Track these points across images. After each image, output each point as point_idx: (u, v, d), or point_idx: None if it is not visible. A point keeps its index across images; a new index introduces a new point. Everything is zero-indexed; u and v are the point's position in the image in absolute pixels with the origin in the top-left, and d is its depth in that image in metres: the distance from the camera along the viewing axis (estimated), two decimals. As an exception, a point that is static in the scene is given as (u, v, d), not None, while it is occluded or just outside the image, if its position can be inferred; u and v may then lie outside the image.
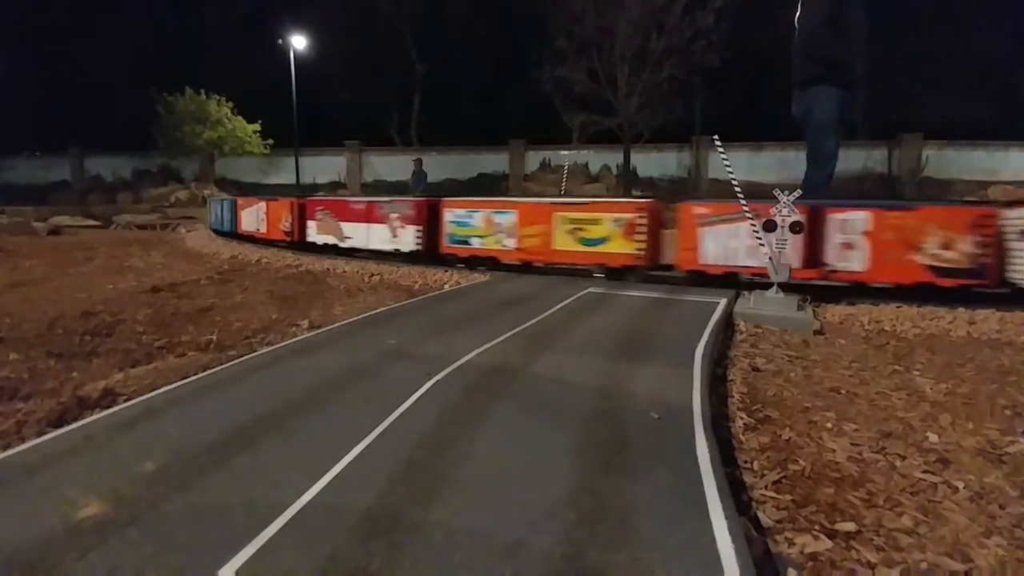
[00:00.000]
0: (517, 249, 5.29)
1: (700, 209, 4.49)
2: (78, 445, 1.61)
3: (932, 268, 3.83)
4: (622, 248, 4.75)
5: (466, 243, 5.62)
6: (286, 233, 7.39)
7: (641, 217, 4.70)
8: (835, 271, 4.05)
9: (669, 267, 4.87)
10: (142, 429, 1.72)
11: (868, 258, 3.98)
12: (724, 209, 4.36)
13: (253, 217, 8.33)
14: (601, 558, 1.12)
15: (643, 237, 4.68)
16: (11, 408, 2.04)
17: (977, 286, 3.80)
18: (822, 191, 5.92)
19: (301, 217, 7.21)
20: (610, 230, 4.80)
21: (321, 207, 7.01)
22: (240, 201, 8.92)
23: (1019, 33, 17.19)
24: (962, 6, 17.67)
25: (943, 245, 3.80)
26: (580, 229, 4.95)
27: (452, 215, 5.72)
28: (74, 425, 1.78)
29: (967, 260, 3.75)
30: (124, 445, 1.61)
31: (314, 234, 7.02)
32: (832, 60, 5.53)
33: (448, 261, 5.67)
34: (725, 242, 4.35)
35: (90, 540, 1.17)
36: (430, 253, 5.82)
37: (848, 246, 4.02)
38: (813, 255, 4.10)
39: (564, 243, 5.03)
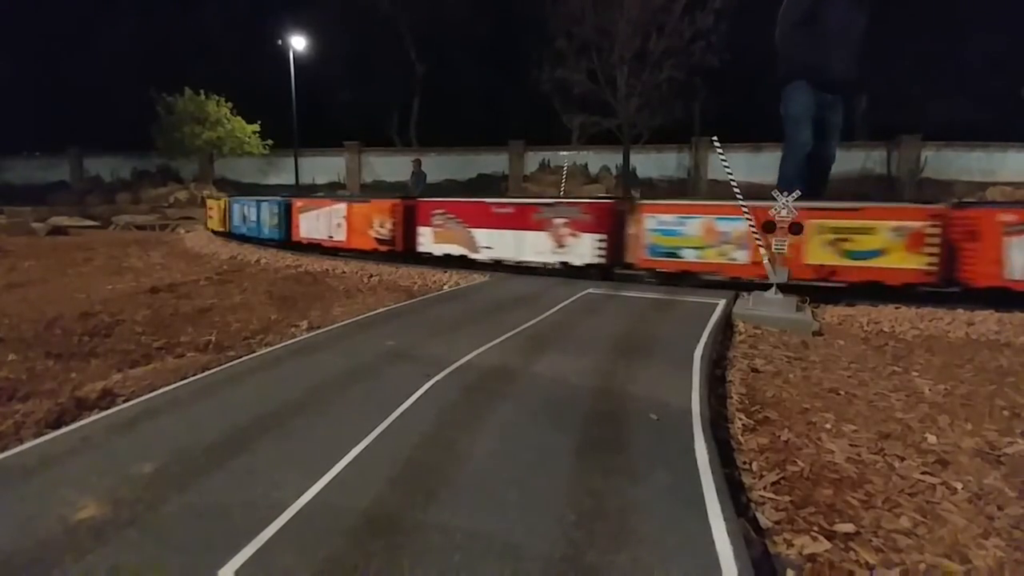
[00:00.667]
0: (754, 263, 4.21)
1: (1007, 216, 3.73)
2: (76, 446, 1.61)
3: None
4: (904, 263, 3.93)
5: (674, 256, 4.67)
6: (382, 241, 6.08)
7: (933, 226, 3.90)
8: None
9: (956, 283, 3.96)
10: (141, 430, 1.72)
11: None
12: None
13: (321, 222, 6.89)
14: (600, 559, 1.12)
15: (935, 250, 3.88)
16: (9, 409, 2.04)
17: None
18: (794, 186, 5.90)
19: (409, 222, 5.94)
20: (888, 241, 3.99)
21: (441, 210, 5.77)
22: (298, 202, 7.45)
23: (1018, 35, 17.22)
24: (961, 8, 17.69)
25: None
26: (845, 240, 4.10)
27: (655, 222, 4.75)
28: (72, 426, 1.78)
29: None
30: (122, 446, 1.61)
31: (429, 243, 5.80)
32: (805, 61, 5.51)
33: (637, 278, 4.83)
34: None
35: (88, 542, 1.17)
36: (615, 266, 5.02)
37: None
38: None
39: (821, 256, 4.14)
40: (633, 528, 1.23)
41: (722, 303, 3.61)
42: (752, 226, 3.82)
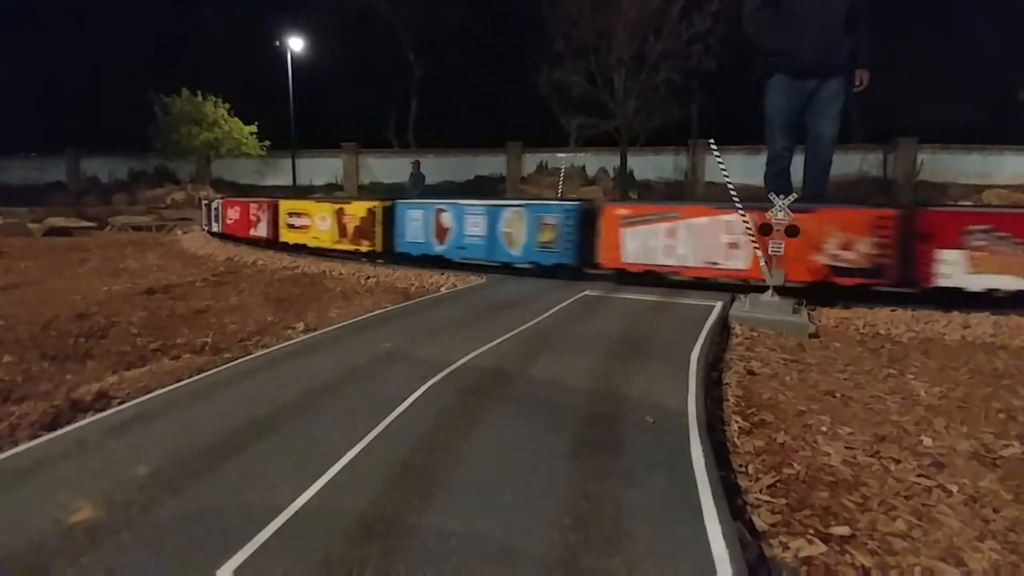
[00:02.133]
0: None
1: (622, 211, 4.29)
2: (71, 448, 1.60)
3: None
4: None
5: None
6: (847, 272, 3.88)
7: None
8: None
9: None
10: (136, 432, 1.72)
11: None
12: None
13: (683, 240, 4.28)
14: (595, 563, 1.12)
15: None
16: (4, 411, 2.03)
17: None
18: (772, 186, 5.76)
19: (912, 240, 3.78)
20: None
21: (982, 224, 3.63)
22: (615, 209, 4.67)
23: (1014, 37, 17.30)
24: (957, 10, 17.77)
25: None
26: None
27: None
28: (67, 428, 1.77)
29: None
30: (117, 448, 1.61)
31: (962, 273, 3.67)
32: (773, 46, 5.42)
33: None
34: None
35: (82, 545, 1.16)
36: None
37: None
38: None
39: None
40: (629, 531, 1.23)
41: (719, 305, 3.62)
42: (748, 228, 3.83)
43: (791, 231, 3.65)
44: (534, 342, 2.78)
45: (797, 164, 5.68)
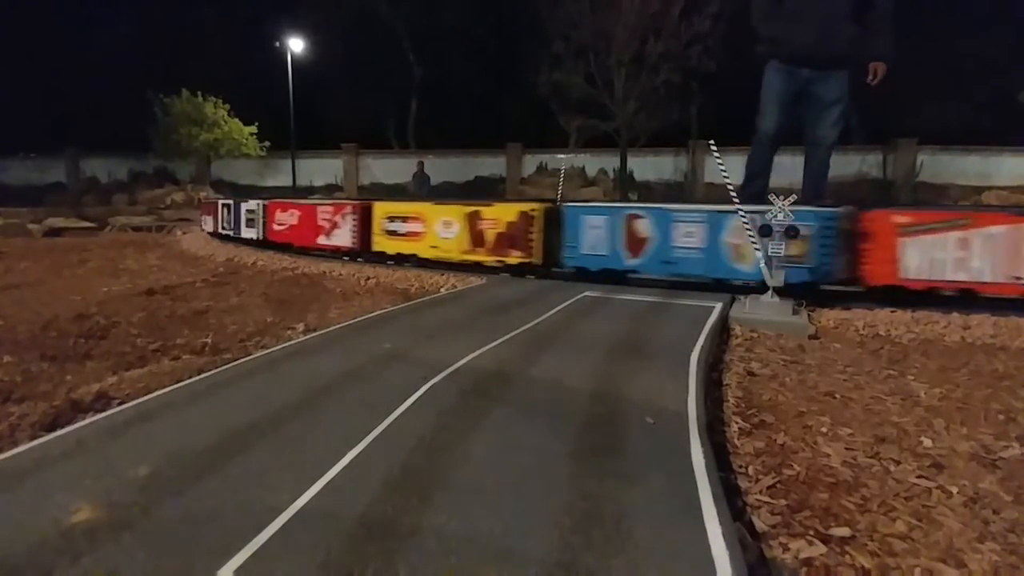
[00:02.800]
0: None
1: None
2: (71, 449, 1.60)
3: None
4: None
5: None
6: None
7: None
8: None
9: None
10: (136, 433, 1.72)
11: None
12: None
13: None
14: (596, 564, 1.12)
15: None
16: (4, 411, 2.03)
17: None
18: (748, 185, 5.55)
19: None
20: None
21: None
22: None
23: (1014, 39, 17.32)
24: (957, 11, 17.79)
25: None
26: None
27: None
28: (67, 429, 1.77)
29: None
30: (117, 449, 1.61)
31: None
32: (770, 34, 5.37)
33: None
34: None
35: (82, 545, 1.16)
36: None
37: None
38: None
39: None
40: (629, 532, 1.23)
41: (719, 306, 3.62)
42: (748, 230, 3.83)
43: (791, 232, 3.65)
44: (534, 343, 2.78)
45: (786, 165, 5.68)
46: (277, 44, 20.06)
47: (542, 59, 18.16)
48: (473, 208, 5.39)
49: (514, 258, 5.11)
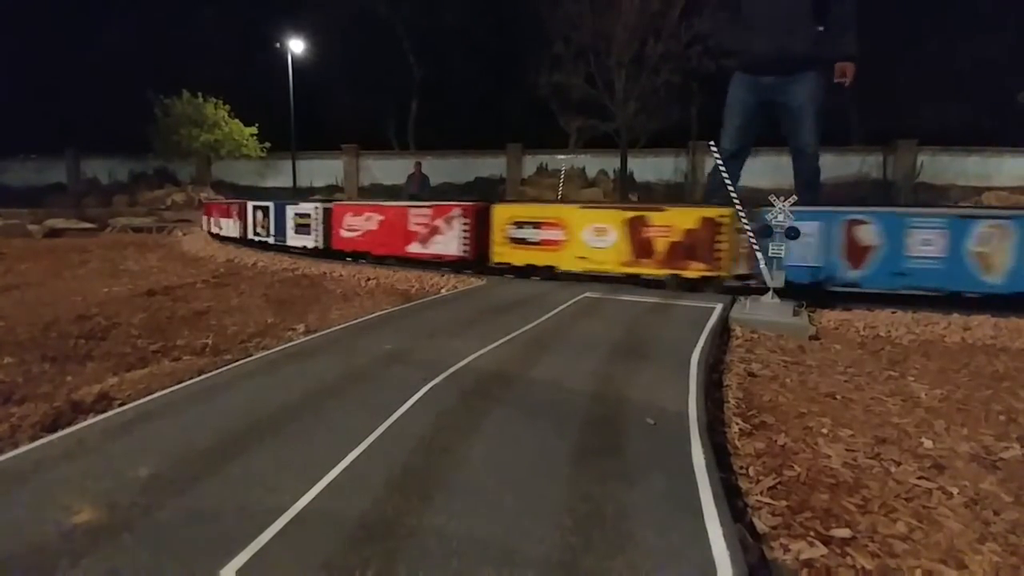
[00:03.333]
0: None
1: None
2: (72, 450, 1.60)
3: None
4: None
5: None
6: None
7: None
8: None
9: None
10: (136, 434, 1.72)
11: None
12: None
13: None
14: (596, 565, 1.12)
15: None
16: (5, 412, 2.03)
17: None
18: (713, 194, 5.43)
19: None
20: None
21: None
22: None
23: (1014, 39, 17.33)
24: (957, 12, 17.80)
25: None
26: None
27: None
28: (68, 430, 1.77)
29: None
30: (118, 450, 1.61)
31: None
32: (730, 44, 5.36)
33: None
34: None
35: (84, 546, 1.16)
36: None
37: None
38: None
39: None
40: (630, 533, 1.23)
41: (719, 307, 3.62)
42: (748, 231, 3.83)
43: (792, 233, 3.65)
44: (535, 344, 2.78)
45: (785, 166, 5.63)
46: (278, 45, 20.09)
47: (542, 60, 18.17)
48: (636, 213, 4.70)
49: (694, 271, 4.47)
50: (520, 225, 5.20)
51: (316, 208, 6.83)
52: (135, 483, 1.42)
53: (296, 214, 7.10)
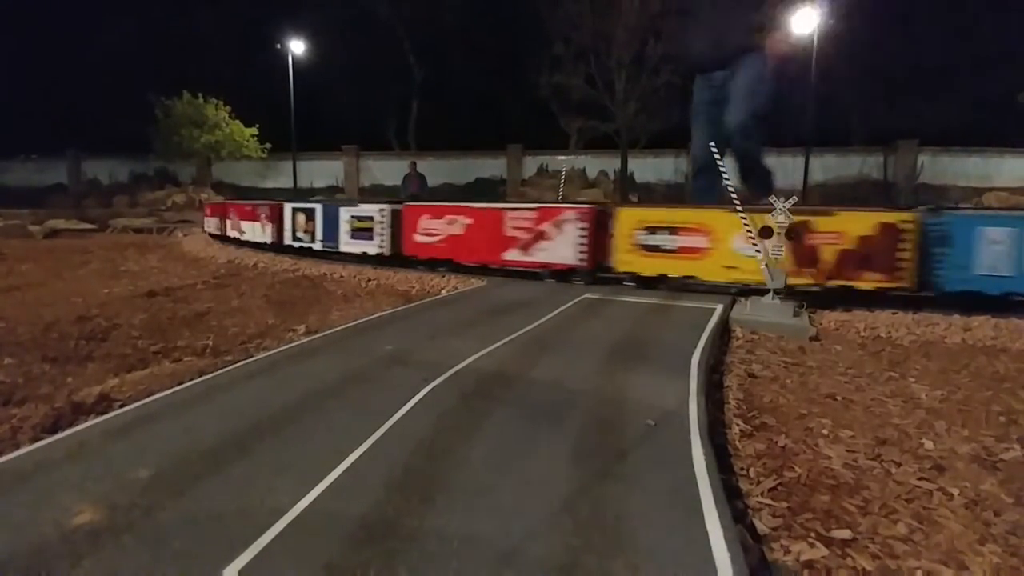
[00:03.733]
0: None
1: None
2: (73, 451, 1.60)
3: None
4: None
5: None
6: None
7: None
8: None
9: None
10: (137, 435, 1.72)
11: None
12: None
13: None
14: (597, 566, 1.12)
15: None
16: (6, 413, 2.03)
17: None
18: (701, 196, 5.37)
19: None
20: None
21: None
22: None
23: (1014, 40, 17.33)
24: (958, 12, 17.81)
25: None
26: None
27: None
28: (69, 431, 1.77)
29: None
30: (119, 451, 1.61)
31: None
32: (679, 48, 5.40)
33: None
34: None
35: (84, 547, 1.17)
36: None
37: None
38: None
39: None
40: (630, 534, 1.23)
41: (719, 308, 3.62)
42: (749, 232, 3.83)
43: (791, 234, 3.65)
44: (535, 345, 2.78)
45: (787, 166, 5.60)
46: (278, 46, 20.10)
47: (542, 60, 18.20)
48: (797, 219, 4.02)
49: (869, 281, 4.00)
50: (652, 230, 4.64)
51: (382, 210, 6.12)
52: (136, 484, 1.42)
53: (353, 217, 6.36)
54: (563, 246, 4.91)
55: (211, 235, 9.82)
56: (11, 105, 23.22)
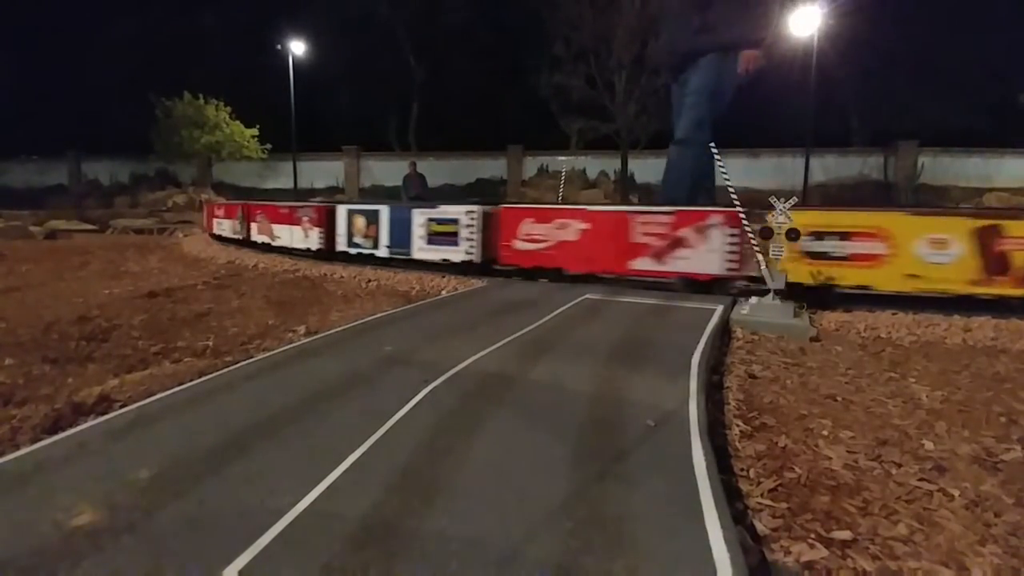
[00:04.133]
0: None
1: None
2: (73, 452, 1.60)
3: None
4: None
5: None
6: None
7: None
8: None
9: None
10: (137, 436, 1.72)
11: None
12: None
13: None
14: (597, 567, 1.12)
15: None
16: (6, 414, 2.03)
17: None
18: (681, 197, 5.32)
19: None
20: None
21: None
22: None
23: (1014, 41, 17.33)
24: (958, 14, 17.80)
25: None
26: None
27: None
28: (69, 432, 1.77)
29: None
30: (119, 452, 1.61)
31: None
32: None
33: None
34: None
35: (84, 548, 1.16)
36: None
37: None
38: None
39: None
40: (630, 535, 1.23)
41: (720, 309, 3.62)
42: (749, 232, 3.83)
43: (791, 235, 3.65)
44: (535, 346, 2.78)
45: (786, 168, 5.64)
46: (279, 47, 20.11)
47: (543, 61, 18.20)
48: (987, 222, 3.82)
49: None
50: (819, 236, 4.16)
51: (470, 212, 5.48)
52: (136, 485, 1.42)
53: (431, 220, 5.74)
54: (707, 255, 4.43)
55: (219, 237, 9.37)
56: (12, 106, 23.24)
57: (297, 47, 20.08)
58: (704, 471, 1.50)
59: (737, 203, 3.90)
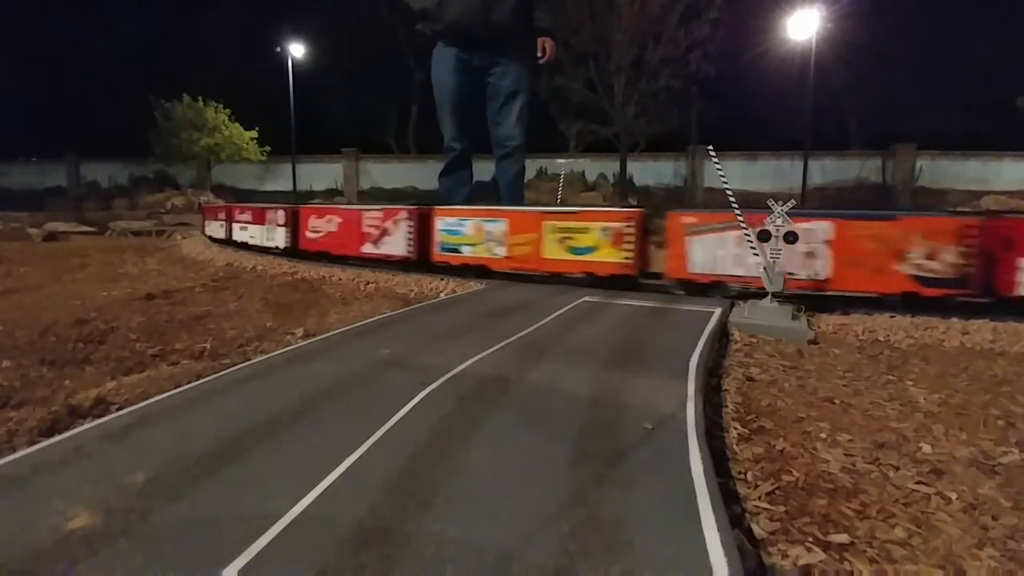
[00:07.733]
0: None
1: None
2: (69, 455, 1.59)
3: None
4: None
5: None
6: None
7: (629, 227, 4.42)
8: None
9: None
10: (134, 439, 1.71)
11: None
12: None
13: None
14: (594, 571, 1.12)
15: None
16: (3, 416, 2.03)
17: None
18: (450, 196, 5.14)
19: None
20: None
21: None
22: None
23: (1012, 44, 17.38)
24: (956, 17, 17.86)
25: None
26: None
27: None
28: (65, 435, 1.76)
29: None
30: (116, 455, 1.60)
31: None
32: (418, 7, 4.83)
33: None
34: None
35: (80, 552, 1.16)
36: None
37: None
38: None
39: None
40: (627, 539, 1.23)
41: (718, 311, 3.62)
42: (747, 233, 3.83)
43: (790, 237, 3.65)
44: (533, 348, 2.78)
45: (785, 169, 5.63)
46: (278, 49, 20.17)
47: (542, 64, 18.22)
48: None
49: None
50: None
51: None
52: (132, 488, 1.41)
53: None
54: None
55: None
56: (11, 108, 23.23)
57: (296, 49, 20.14)
58: (701, 474, 1.50)
59: (735, 205, 3.91)
